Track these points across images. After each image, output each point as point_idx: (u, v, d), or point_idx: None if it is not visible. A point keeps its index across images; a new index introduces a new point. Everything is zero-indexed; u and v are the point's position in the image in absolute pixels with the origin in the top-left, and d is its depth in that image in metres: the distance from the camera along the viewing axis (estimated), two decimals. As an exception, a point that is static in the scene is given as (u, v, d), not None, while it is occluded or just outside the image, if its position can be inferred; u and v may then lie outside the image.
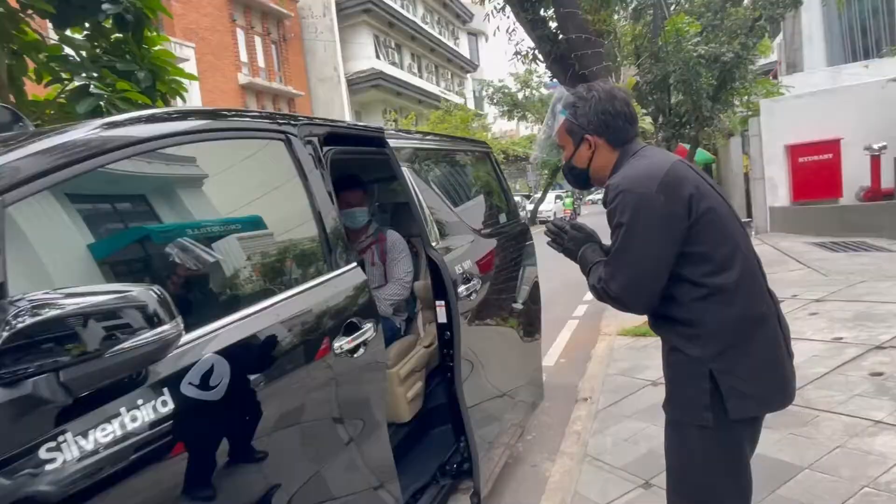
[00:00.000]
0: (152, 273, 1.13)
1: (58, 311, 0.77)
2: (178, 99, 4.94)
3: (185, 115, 1.33)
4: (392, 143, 2.13)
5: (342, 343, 1.48)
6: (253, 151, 1.49)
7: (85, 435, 0.85)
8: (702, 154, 15.78)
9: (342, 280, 1.59)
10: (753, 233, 9.16)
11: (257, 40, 19.41)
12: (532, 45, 5.59)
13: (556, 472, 2.66)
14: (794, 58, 15.91)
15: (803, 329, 3.62)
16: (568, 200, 25.69)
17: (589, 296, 7.40)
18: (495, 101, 24.82)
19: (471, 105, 29.00)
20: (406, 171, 2.12)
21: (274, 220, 1.49)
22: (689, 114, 10.86)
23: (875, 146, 7.58)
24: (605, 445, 2.75)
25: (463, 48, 31.88)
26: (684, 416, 1.28)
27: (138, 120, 1.21)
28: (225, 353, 1.12)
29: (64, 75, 4.30)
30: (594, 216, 25.46)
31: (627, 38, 12.16)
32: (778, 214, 8.95)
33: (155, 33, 4.35)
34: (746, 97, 11.23)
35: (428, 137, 2.69)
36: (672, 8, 11.54)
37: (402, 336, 2.65)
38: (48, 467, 0.79)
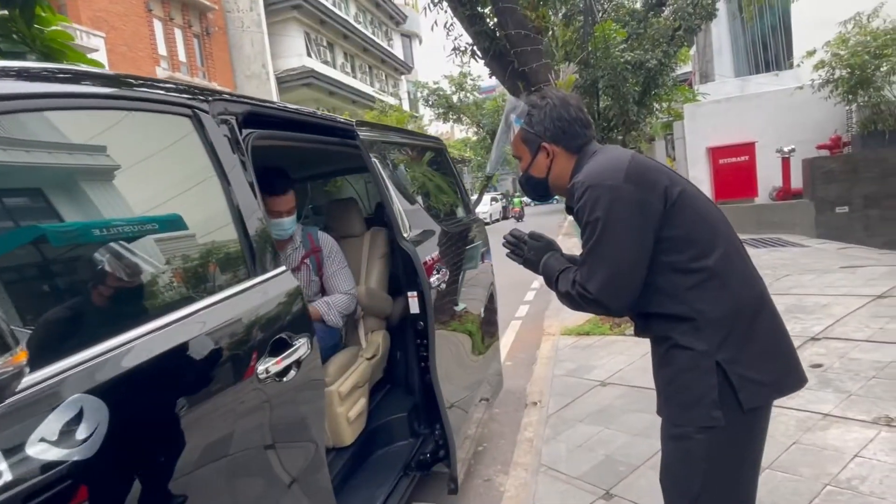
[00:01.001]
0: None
1: None
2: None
3: (52, 73, 1.01)
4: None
5: (268, 365, 1.21)
6: (144, 128, 1.18)
7: None
8: None
9: (267, 288, 1.32)
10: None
11: (178, 33, 18.16)
12: (470, 41, 5.46)
13: (510, 486, 2.50)
14: (707, 68, 17.06)
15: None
16: (517, 200, 26.24)
17: (531, 295, 7.39)
18: (430, 102, 24.77)
19: (406, 107, 28.80)
20: (375, 162, 2.09)
21: (174, 214, 1.20)
22: (616, 118, 11.27)
23: (785, 149, 8.15)
24: (560, 453, 2.61)
25: (397, 50, 31.59)
26: (691, 420, 1.13)
27: None
28: (100, 391, 0.82)
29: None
30: (539, 216, 26.12)
31: (559, 43, 12.45)
32: (702, 213, 9.42)
33: (49, 13, 3.77)
34: (668, 103, 11.85)
35: (389, 130, 2.69)
36: (600, 15, 11.94)
37: (343, 347, 2.38)
38: None
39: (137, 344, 0.93)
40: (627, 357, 3.73)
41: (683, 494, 1.17)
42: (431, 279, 2.10)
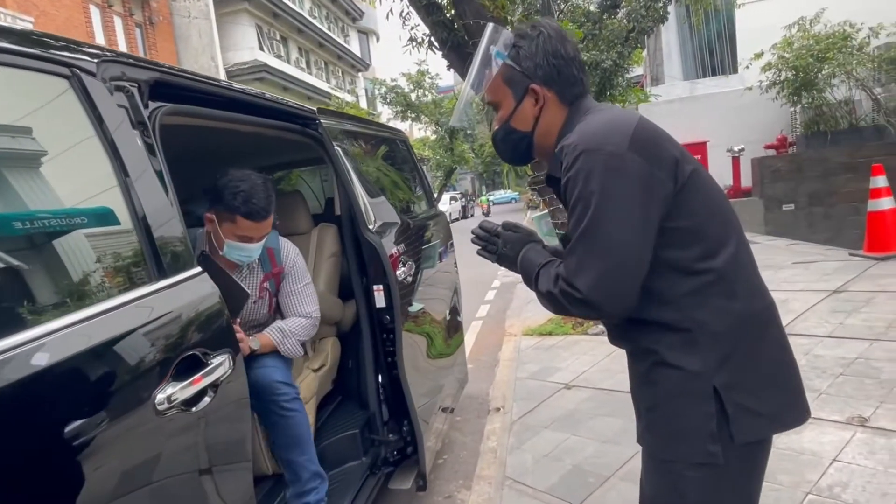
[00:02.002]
0: None
1: None
2: None
3: None
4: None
5: (173, 391, 0.96)
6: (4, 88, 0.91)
7: None
8: None
9: (172, 295, 1.06)
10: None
11: (117, 21, 17.09)
12: (427, 31, 5.25)
13: (473, 503, 2.30)
14: (657, 71, 17.60)
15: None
16: (484, 198, 26.33)
17: (492, 294, 7.26)
18: (388, 100, 24.40)
19: (363, 105, 28.32)
20: (339, 152, 2.01)
21: (48, 199, 0.93)
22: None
23: (735, 148, 8.37)
24: (526, 464, 2.45)
25: (354, 46, 31.02)
26: (681, 455, 0.93)
27: None
28: None
29: None
30: (500, 215, 26.22)
31: (516, 42, 12.44)
32: (657, 212, 9.61)
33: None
34: (623, 103, 12.05)
35: (353, 119, 2.58)
36: (557, 15, 12.01)
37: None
38: None
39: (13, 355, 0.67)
40: (592, 357, 3.62)
41: None
42: (397, 272, 2.03)
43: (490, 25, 1.05)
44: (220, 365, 1.09)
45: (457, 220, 26.62)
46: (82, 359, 0.84)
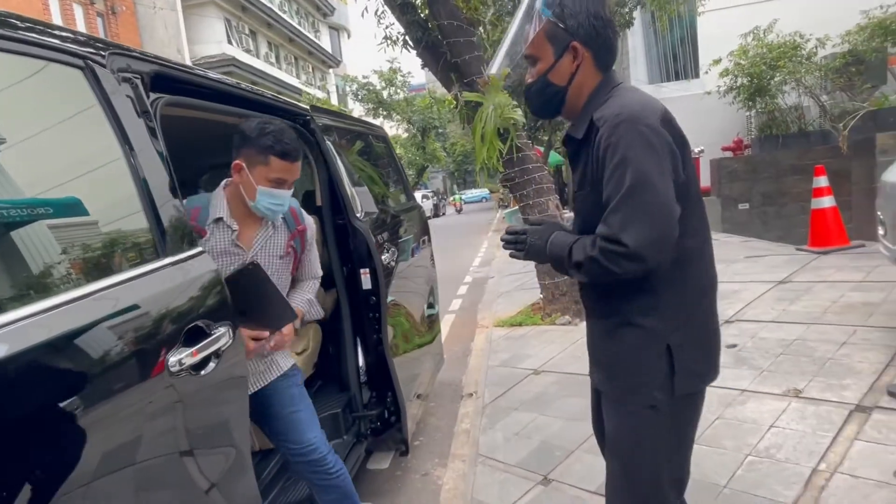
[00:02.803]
0: None
1: None
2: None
3: None
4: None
5: (182, 356, 1.06)
6: (25, 77, 0.99)
7: None
8: (554, 156, 17.14)
9: (180, 270, 1.16)
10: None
11: (77, 10, 16.50)
12: (402, 30, 5.35)
13: (449, 479, 2.44)
14: (624, 75, 18.16)
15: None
16: (456, 196, 26.58)
17: (464, 289, 7.43)
18: (360, 97, 24.29)
19: (334, 101, 28.06)
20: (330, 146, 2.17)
21: (64, 180, 1.01)
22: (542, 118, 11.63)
23: (695, 150, 8.76)
24: (497, 442, 2.60)
25: (325, 42, 30.70)
26: (634, 398, 1.12)
27: None
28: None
29: None
30: (472, 213, 26.41)
31: (488, 42, 12.59)
32: (622, 210, 9.96)
33: None
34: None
35: (342, 116, 2.83)
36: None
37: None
38: None
39: (38, 320, 0.77)
40: (559, 345, 3.80)
41: (632, 464, 1.16)
42: (382, 257, 2.19)
43: None
44: (223, 335, 1.19)
45: (429, 218, 26.73)
46: (113, 320, 0.94)
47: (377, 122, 26.45)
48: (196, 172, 2.53)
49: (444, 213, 30.11)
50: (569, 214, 1.45)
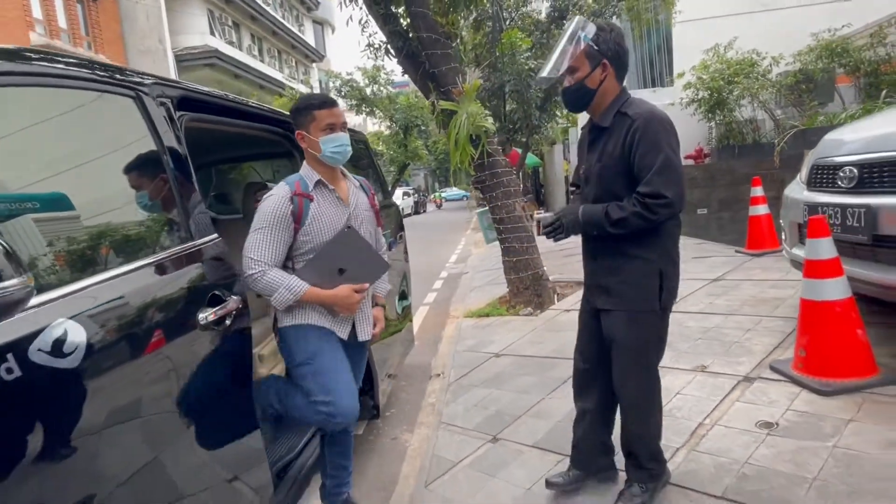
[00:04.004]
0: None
1: None
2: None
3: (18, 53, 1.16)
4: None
5: (207, 314, 1.43)
6: (95, 105, 1.35)
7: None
8: (532, 158, 17.63)
9: (203, 251, 1.53)
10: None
11: (56, -4, 16.28)
12: (385, 39, 5.70)
13: (414, 441, 2.84)
14: None
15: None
16: (437, 193, 27.17)
17: (439, 283, 7.83)
18: (343, 93, 24.42)
19: (317, 96, 28.00)
20: None
21: (128, 182, 1.38)
22: (521, 121, 12.05)
23: (660, 157, 9.32)
24: (458, 412, 3.00)
25: (308, 36, 30.68)
26: (643, 306, 1.67)
27: None
28: (80, 317, 1.03)
29: None
30: (451, 212, 26.85)
31: (468, 47, 13.00)
32: (592, 212, 10.46)
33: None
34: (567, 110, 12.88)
35: None
36: (508, 22, 12.66)
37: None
38: None
39: (110, 283, 1.14)
40: (519, 333, 4.23)
41: (639, 357, 1.73)
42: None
43: (578, 17, 1.71)
44: (234, 301, 1.56)
45: (409, 215, 27.03)
46: (159, 285, 1.31)
47: (360, 118, 26.63)
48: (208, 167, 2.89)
49: (424, 211, 30.46)
50: (543, 214, 1.92)
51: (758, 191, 5.14)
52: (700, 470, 1.92)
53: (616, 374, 1.78)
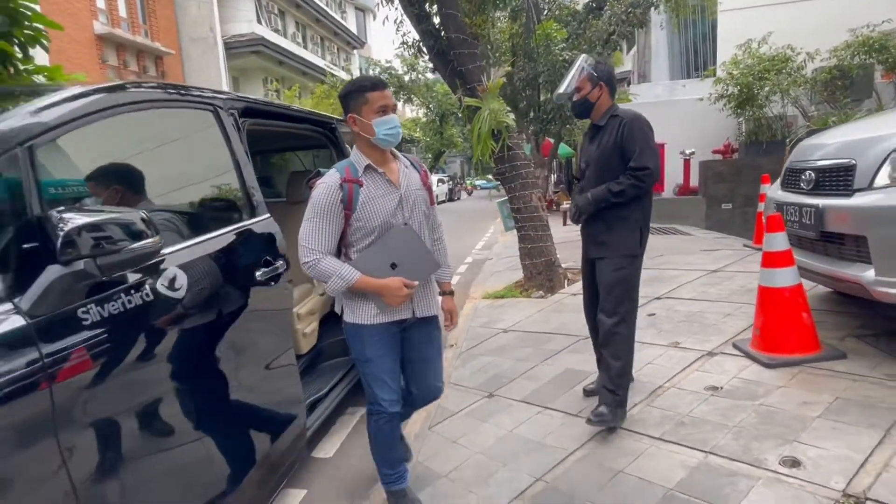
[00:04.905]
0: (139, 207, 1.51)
1: (88, 220, 1.18)
2: (39, 47, 4.70)
3: (144, 84, 1.69)
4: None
5: (262, 272, 1.95)
6: (189, 118, 1.88)
7: (101, 303, 1.26)
8: (564, 148, 17.73)
9: (259, 227, 2.05)
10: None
11: (117, -14, 17.36)
12: (418, 37, 6.12)
13: (424, 396, 3.34)
14: (645, 69, 18.30)
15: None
16: (470, 181, 27.75)
17: (463, 268, 8.31)
18: (382, 81, 24.93)
19: (357, 82, 28.62)
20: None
21: (212, 173, 1.90)
22: (554, 111, 12.26)
23: (686, 151, 9.42)
24: (464, 375, 3.47)
25: (350, 23, 31.28)
26: (628, 251, 2.33)
27: (121, 87, 1.57)
28: (183, 266, 1.55)
29: None
30: (478, 199, 27.21)
31: (505, 36, 13.25)
32: (618, 204, 10.67)
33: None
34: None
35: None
36: (545, 13, 12.80)
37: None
38: (83, 322, 1.21)
39: (205, 243, 1.67)
40: (527, 313, 4.66)
41: (625, 296, 2.35)
42: None
43: (583, 55, 2.47)
44: (280, 266, 2.07)
45: (443, 202, 27.49)
46: (232, 248, 1.83)
47: (398, 104, 27.19)
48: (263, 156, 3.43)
49: (458, 198, 30.84)
50: (567, 206, 2.56)
51: (766, 187, 5.35)
52: (648, 419, 2.33)
53: (600, 304, 2.43)
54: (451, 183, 30.94)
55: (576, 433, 2.36)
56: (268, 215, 2.13)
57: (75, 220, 1.15)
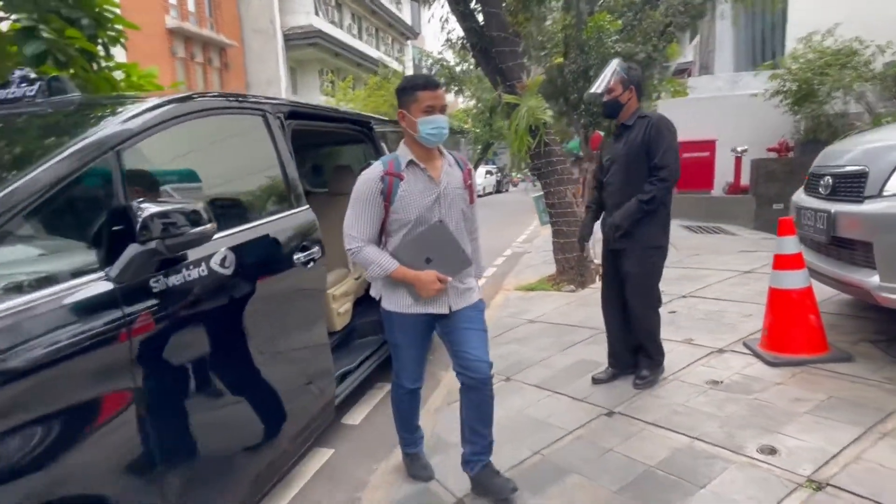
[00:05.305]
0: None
1: (160, 209, 1.49)
2: (119, 47, 5.27)
3: (207, 94, 2.01)
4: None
5: (300, 256, 2.26)
6: (244, 122, 2.20)
7: (167, 276, 1.59)
8: (573, 143, 17.38)
9: (299, 216, 2.35)
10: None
11: (187, -18, 18.47)
12: (462, 34, 6.32)
13: (447, 378, 3.59)
14: (708, 59, 17.46)
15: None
16: (515, 172, 28.04)
17: (500, 260, 8.51)
18: (433, 72, 25.21)
19: (409, 73, 29.08)
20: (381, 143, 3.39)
21: (262, 168, 2.23)
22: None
23: (738, 149, 9.13)
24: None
25: (405, 14, 31.68)
26: (656, 243, 2.62)
27: (192, 97, 1.90)
28: (233, 248, 1.87)
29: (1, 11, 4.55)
30: (520, 193, 27.23)
31: (558, 27, 13.14)
32: (664, 201, 10.48)
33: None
34: (656, 94, 12.64)
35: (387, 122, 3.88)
36: (599, 3, 12.59)
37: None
38: (153, 290, 1.54)
39: (253, 229, 1.99)
40: (555, 306, 4.82)
41: (651, 284, 2.66)
42: None
43: (616, 60, 2.71)
44: (316, 251, 2.37)
45: (490, 193, 27.57)
46: (275, 234, 2.14)
47: (449, 95, 27.40)
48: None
49: (506, 190, 30.76)
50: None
51: (809, 190, 5.22)
52: (646, 406, 2.49)
53: (631, 293, 2.69)
54: (499, 175, 30.85)
55: (578, 416, 2.55)
56: (307, 206, 2.43)
57: (150, 209, 1.47)
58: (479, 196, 4.77)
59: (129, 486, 1.41)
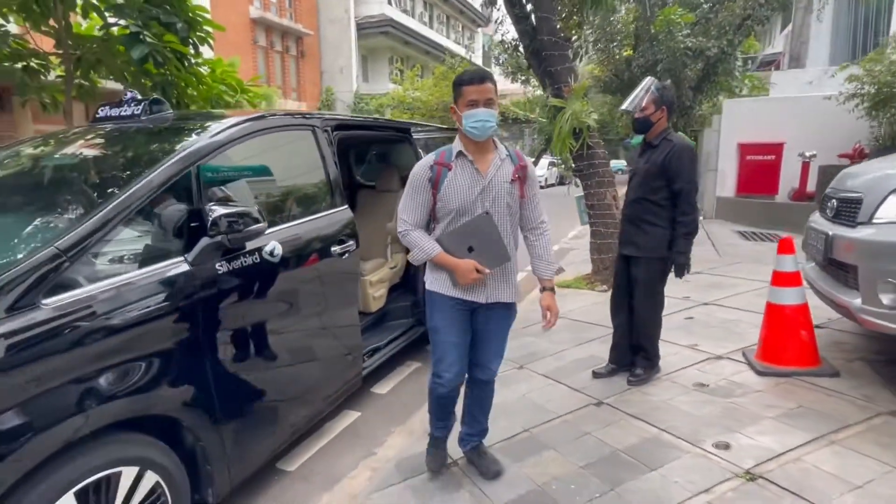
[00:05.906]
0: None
1: (226, 211, 1.98)
2: (206, 46, 5.98)
3: (272, 114, 2.50)
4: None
5: (336, 248, 2.72)
6: (297, 136, 2.68)
7: (229, 261, 2.08)
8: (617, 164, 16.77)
9: (338, 214, 2.81)
10: (701, 217, 10.36)
11: (266, -24, 19.57)
12: (516, 37, 6.56)
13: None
14: (799, 51, 16.10)
15: (669, 289, 4.92)
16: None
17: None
18: (500, 61, 25.20)
19: (479, 61, 29.15)
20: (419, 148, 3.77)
21: (310, 174, 2.71)
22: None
23: (807, 153, 8.72)
24: (507, 350, 4.04)
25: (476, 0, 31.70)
26: (658, 254, 2.85)
27: (262, 117, 2.39)
28: (280, 241, 2.34)
29: (108, 15, 5.37)
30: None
31: (628, 20, 12.91)
32: (723, 203, 10.17)
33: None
34: (730, 90, 12.12)
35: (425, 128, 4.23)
36: (672, -2, 12.21)
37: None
38: (219, 272, 2.03)
39: (298, 225, 2.47)
40: (582, 304, 5.06)
41: (657, 290, 2.94)
42: None
43: (650, 78, 2.95)
44: (351, 245, 2.82)
45: (552, 185, 27.32)
46: (317, 229, 2.61)
47: (516, 85, 27.29)
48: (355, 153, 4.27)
49: (569, 182, 30.21)
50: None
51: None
52: (632, 400, 2.76)
53: (637, 297, 2.96)
54: (563, 167, 30.30)
55: (571, 403, 2.87)
56: (346, 206, 2.89)
57: (218, 211, 1.96)
58: (542, 187, 4.92)
59: (196, 416, 1.93)
